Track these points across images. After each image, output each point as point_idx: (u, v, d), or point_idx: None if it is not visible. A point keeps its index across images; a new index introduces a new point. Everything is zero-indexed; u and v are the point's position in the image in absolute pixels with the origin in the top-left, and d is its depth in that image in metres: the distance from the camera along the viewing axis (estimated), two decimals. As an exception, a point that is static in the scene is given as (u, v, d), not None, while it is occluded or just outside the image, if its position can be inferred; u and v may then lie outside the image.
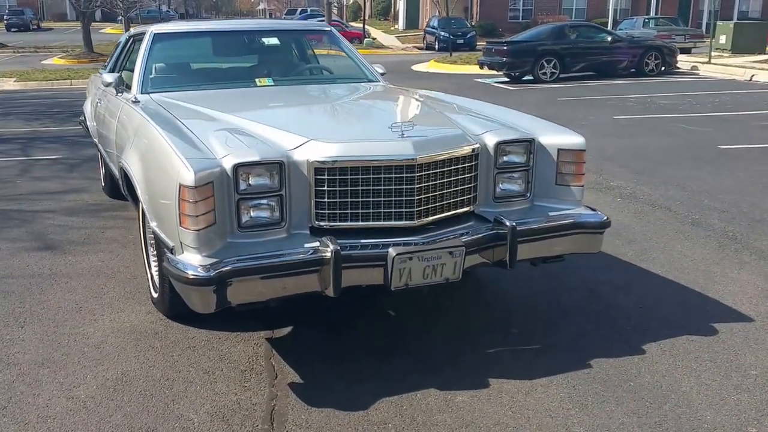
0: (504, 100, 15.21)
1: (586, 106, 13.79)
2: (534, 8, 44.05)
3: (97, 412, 3.25)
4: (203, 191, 3.13)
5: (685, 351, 3.75)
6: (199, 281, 3.07)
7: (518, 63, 18.78)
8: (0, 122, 13.46)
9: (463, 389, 3.40)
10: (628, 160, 8.59)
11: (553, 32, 19.61)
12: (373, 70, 5.64)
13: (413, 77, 22.32)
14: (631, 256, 5.19)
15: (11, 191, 7.62)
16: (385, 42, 42.78)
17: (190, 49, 5.70)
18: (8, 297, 4.62)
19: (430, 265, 3.34)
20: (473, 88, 18.34)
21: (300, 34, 6.19)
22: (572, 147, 3.86)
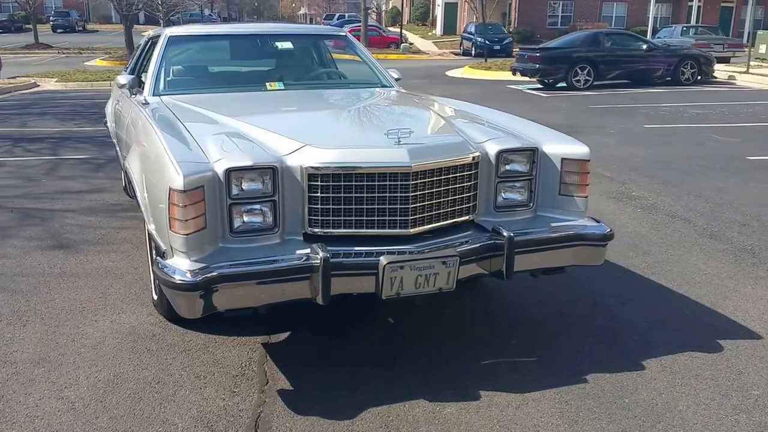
0: (534, 107, 15.10)
1: (618, 114, 13.59)
2: (573, 15, 43.62)
3: (84, 414, 3.27)
4: (193, 195, 3.11)
5: (686, 368, 3.65)
6: (184, 286, 3.05)
7: (551, 70, 18.58)
8: (36, 121, 13.71)
9: (452, 401, 3.35)
10: (653, 170, 8.43)
11: (588, 39, 19.37)
12: (387, 76, 5.61)
13: (446, 83, 22.25)
14: (644, 269, 5.08)
15: (35, 190, 7.75)
16: (421, 47, 42.77)
17: (205, 53, 5.73)
18: (15, 295, 4.68)
19: (423, 274, 3.29)
20: (504, 95, 18.22)
21: (315, 38, 6.18)
22: (576, 157, 3.77)
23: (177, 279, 3.07)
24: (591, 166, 3.86)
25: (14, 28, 55.82)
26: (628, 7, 43.90)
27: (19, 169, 8.93)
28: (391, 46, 40.99)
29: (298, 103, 4.88)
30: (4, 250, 5.62)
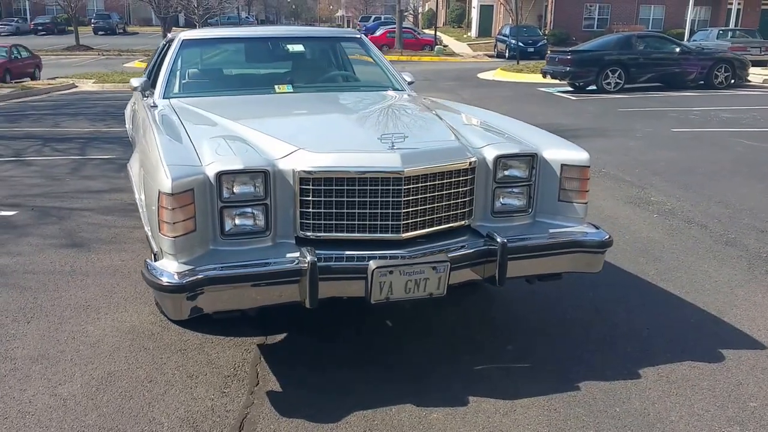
0: (561, 110, 14.98)
1: (646, 118, 13.39)
2: (610, 17, 43.12)
3: (75, 411, 3.31)
4: (181, 199, 3.13)
5: (684, 377, 3.58)
6: (170, 288, 3.07)
7: (582, 73, 18.38)
8: (68, 122, 13.97)
9: (440, 406, 3.32)
10: (676, 175, 8.29)
11: (619, 42, 19.12)
12: (399, 79, 5.58)
13: (476, 85, 22.17)
14: (653, 275, 5.00)
15: (58, 189, 7.88)
16: (456, 49, 42.65)
17: (217, 56, 5.77)
18: (24, 292, 4.76)
19: (413, 279, 3.26)
20: (533, 97, 18.10)
21: (328, 41, 6.17)
22: (576, 163, 3.71)
23: (164, 281, 3.09)
24: (612, 171, 3.80)
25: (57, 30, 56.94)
26: (665, 10, 43.27)
27: (45, 169, 9.09)
28: (426, 48, 40.97)
29: (302, 105, 4.88)
30: (20, 247, 5.73)
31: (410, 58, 37.24)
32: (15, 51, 25.86)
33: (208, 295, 3.11)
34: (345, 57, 6.06)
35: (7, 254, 5.56)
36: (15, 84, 23.10)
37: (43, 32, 57.05)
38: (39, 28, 58.11)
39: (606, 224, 6.11)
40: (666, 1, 43.23)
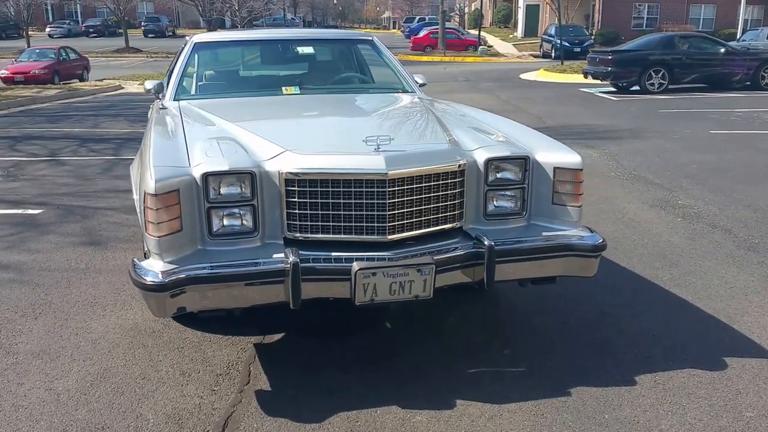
0: (600, 111, 14.77)
1: (686, 119, 13.11)
2: (659, 17, 42.34)
3: (67, 406, 3.36)
4: (166, 199, 3.15)
5: (681, 385, 3.48)
6: (152, 287, 3.09)
7: (624, 73, 18.09)
8: (108, 123, 14.27)
9: (425, 409, 3.29)
10: (707, 177, 8.08)
11: (662, 42, 18.73)
12: (410, 81, 5.55)
13: (516, 86, 21.98)
14: (666, 280, 4.87)
15: (87, 188, 8.06)
16: (501, 49, 42.39)
17: (228, 58, 5.82)
18: (36, 288, 4.87)
19: (397, 281, 3.23)
20: (573, 98, 17.88)
21: (340, 43, 6.17)
22: (569, 166, 3.63)
23: (147, 280, 3.12)
24: (643, 173, 3.72)
25: (108, 32, 58.37)
26: (716, 9, 42.32)
27: (77, 169, 9.30)
28: (469, 49, 40.84)
29: (303, 107, 4.88)
30: (40, 245, 5.86)
31: (453, 59, 37.17)
32: (63, 53, 26.59)
33: (190, 295, 3.13)
34: (359, 59, 6.04)
35: (26, 251, 5.70)
36: (63, 85, 23.75)
37: (94, 34, 58.54)
38: (90, 30, 59.65)
39: (627, 228, 6.04)
40: (717, 1, 42.25)
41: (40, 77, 24.15)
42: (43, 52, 26.59)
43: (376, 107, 4.93)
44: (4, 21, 54.77)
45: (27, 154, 10.58)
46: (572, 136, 11.43)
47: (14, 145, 11.43)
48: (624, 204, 6.98)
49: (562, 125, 12.73)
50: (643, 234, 5.96)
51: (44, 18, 65.41)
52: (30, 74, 24.20)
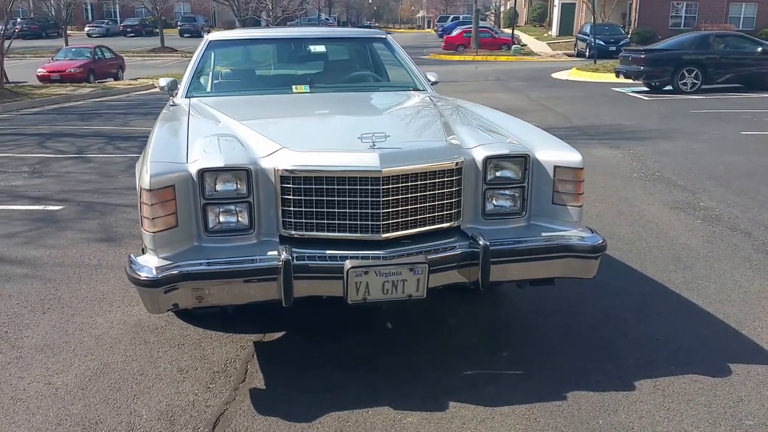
0: (630, 111, 14.58)
1: (717, 120, 12.86)
2: (697, 16, 41.59)
3: (64, 400, 3.40)
4: (160, 194, 3.17)
5: (681, 391, 3.40)
6: (145, 283, 3.11)
7: (656, 72, 17.81)
8: (137, 121, 14.42)
9: (417, 410, 3.26)
10: (733, 179, 7.92)
11: (696, 41, 18.40)
12: (422, 79, 5.51)
13: (546, 85, 21.79)
14: (678, 284, 4.78)
15: (109, 185, 8.15)
16: (535, 48, 42.05)
17: (242, 56, 5.85)
18: (47, 284, 4.93)
19: (390, 280, 3.20)
20: (604, 97, 17.66)
21: (353, 42, 6.16)
22: (569, 165, 3.57)
23: (141, 276, 3.14)
24: (667, 174, 3.64)
25: (145, 32, 59.13)
26: (758, 8, 41.41)
27: (102, 166, 9.42)
28: (503, 48, 40.56)
29: (309, 106, 4.88)
30: (56, 240, 5.94)
31: (485, 58, 36.97)
32: (99, 52, 26.99)
33: (182, 291, 3.14)
34: (372, 57, 6.02)
35: (42, 247, 5.78)
36: (97, 84, 24.10)
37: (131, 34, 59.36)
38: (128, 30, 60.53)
39: (644, 230, 5.94)
40: (759, -1, 41.43)
41: (75, 76, 24.53)
42: (79, 51, 27.01)
43: (382, 105, 4.91)
44: (45, 20, 56.08)
45: (54, 151, 10.74)
46: (598, 136, 11.29)
47: (43, 142, 11.62)
48: (644, 205, 6.87)
49: (589, 125, 12.58)
50: (659, 236, 5.85)
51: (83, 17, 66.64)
52: (66, 73, 24.59)
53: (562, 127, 12.33)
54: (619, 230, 6.05)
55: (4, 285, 4.94)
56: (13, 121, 14.94)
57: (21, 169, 9.25)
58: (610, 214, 6.60)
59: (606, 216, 6.53)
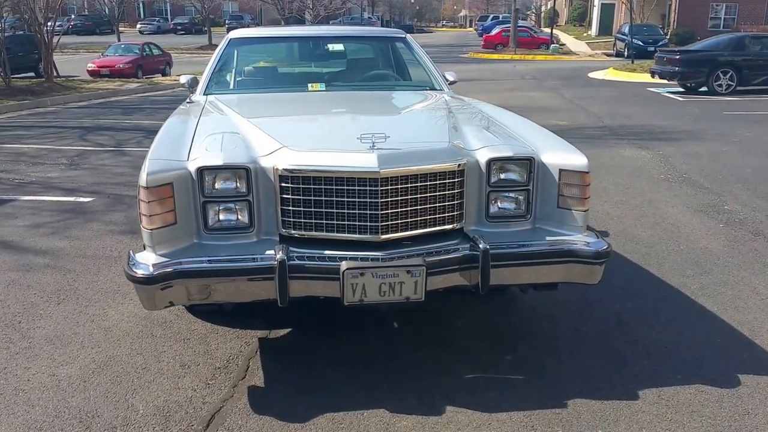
0: (663, 111, 14.36)
1: (749, 122, 12.57)
2: (737, 17, 40.69)
3: (65, 392, 3.44)
4: (158, 192, 3.18)
5: (686, 402, 3.32)
6: (140, 279, 3.13)
7: (690, 73, 17.51)
8: (171, 115, 14.54)
9: (413, 414, 3.23)
10: (760, 183, 7.72)
11: (732, 43, 18.00)
12: (440, 79, 5.46)
13: (582, 85, 21.53)
14: (694, 289, 4.67)
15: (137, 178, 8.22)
16: (574, 48, 41.62)
17: (261, 54, 5.86)
18: (67, 275, 5.01)
19: (386, 282, 3.17)
20: (637, 97, 17.40)
21: (372, 40, 6.14)
22: (574, 168, 3.47)
23: (136, 272, 3.15)
24: (694, 176, 3.56)
25: (194, 30, 60.03)
26: (800, 10, 40.41)
27: (137, 159, 9.49)
28: (541, 47, 40.26)
29: (321, 104, 4.86)
30: (81, 232, 6.04)
31: (523, 57, 36.70)
32: (147, 48, 27.39)
33: (176, 288, 3.15)
34: (392, 56, 5.98)
35: (67, 238, 5.87)
36: (145, 79, 24.44)
37: (182, 32, 60.45)
38: (178, 27, 61.70)
39: (664, 233, 5.84)
40: (801, 1, 40.41)
41: (124, 71, 24.87)
42: (129, 48, 27.42)
43: (393, 105, 4.88)
44: (98, 17, 57.48)
45: (94, 144, 10.92)
46: (629, 136, 11.12)
47: (84, 135, 11.82)
48: (667, 208, 6.74)
49: (620, 125, 12.39)
50: (680, 240, 5.73)
51: (135, 15, 68.01)
52: (115, 68, 24.96)
53: (593, 126, 12.18)
54: (639, 233, 5.94)
55: (24, 275, 5.02)
56: (60, 114, 15.26)
57: (59, 161, 9.42)
58: (632, 216, 6.48)
59: (627, 218, 6.42)
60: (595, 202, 6.93)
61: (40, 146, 10.68)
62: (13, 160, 9.43)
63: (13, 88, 17.87)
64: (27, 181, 8.16)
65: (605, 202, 7.01)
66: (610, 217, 6.45)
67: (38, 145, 10.76)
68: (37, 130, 12.72)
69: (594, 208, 6.74)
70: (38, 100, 16.93)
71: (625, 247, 5.54)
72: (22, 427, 3.15)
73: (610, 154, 9.67)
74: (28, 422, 3.19)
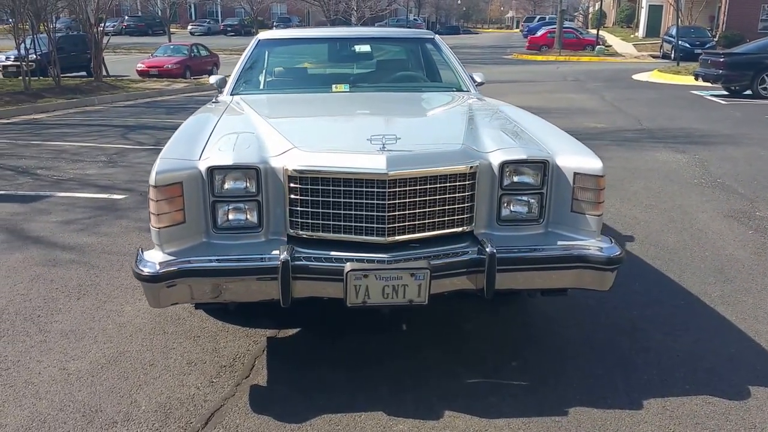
0: (703, 114, 14.12)
1: (795, 126, 12.27)
2: (789, 19, 39.63)
3: (72, 386, 3.52)
4: (166, 191, 3.22)
5: (691, 414, 3.25)
6: (145, 277, 3.17)
7: (734, 76, 17.09)
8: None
9: (410, 417, 3.22)
10: (799, 189, 7.53)
11: (778, 45, 17.58)
12: (467, 80, 5.42)
13: (624, 87, 21.20)
14: (715, 297, 4.57)
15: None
16: (620, 49, 41.04)
17: (289, 55, 5.90)
18: (90, 270, 5.12)
19: (390, 285, 3.17)
20: (679, 100, 17.06)
21: (400, 42, 6.14)
22: (589, 172, 3.41)
23: (142, 270, 3.20)
24: (728, 181, 3.48)
25: (243, 31, 60.88)
26: None
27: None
28: (587, 48, 39.83)
29: (341, 105, 4.86)
30: (111, 228, 6.16)
31: (568, 58, 36.34)
32: (195, 49, 27.78)
33: (180, 287, 3.18)
34: (421, 57, 5.97)
35: (95, 234, 6.00)
36: (192, 80, 24.81)
37: (231, 33, 61.50)
38: (228, 29, 62.79)
39: (691, 239, 5.74)
40: None
41: (172, 72, 25.24)
42: (177, 48, 27.83)
43: (413, 106, 4.87)
44: (151, 19, 58.79)
45: (135, 142, 11.13)
46: (666, 139, 10.93)
47: (126, 134, 12.05)
48: (697, 213, 6.60)
49: (659, 128, 12.17)
50: (706, 246, 5.62)
51: (187, 16, 69.30)
52: (163, 68, 25.34)
53: (631, 129, 11.99)
54: (665, 238, 5.84)
55: (49, 270, 5.14)
56: (105, 112, 15.58)
57: (98, 158, 9.62)
58: (660, 220, 6.37)
59: (655, 223, 6.31)
60: (623, 206, 6.84)
61: (81, 144, 10.93)
62: (54, 157, 9.65)
63: (62, 87, 18.28)
64: (65, 177, 8.34)
65: (634, 206, 6.89)
66: (637, 222, 6.34)
67: (80, 143, 11.01)
68: (81, 128, 13.02)
69: (622, 212, 6.65)
70: (86, 99, 17.32)
71: (649, 253, 5.44)
72: (27, 419, 3.23)
73: (644, 157, 9.51)
74: (33, 414, 3.26)
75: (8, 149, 10.45)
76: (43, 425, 3.18)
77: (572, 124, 12.09)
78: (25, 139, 11.49)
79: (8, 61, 22.15)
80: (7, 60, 22.32)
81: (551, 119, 4.42)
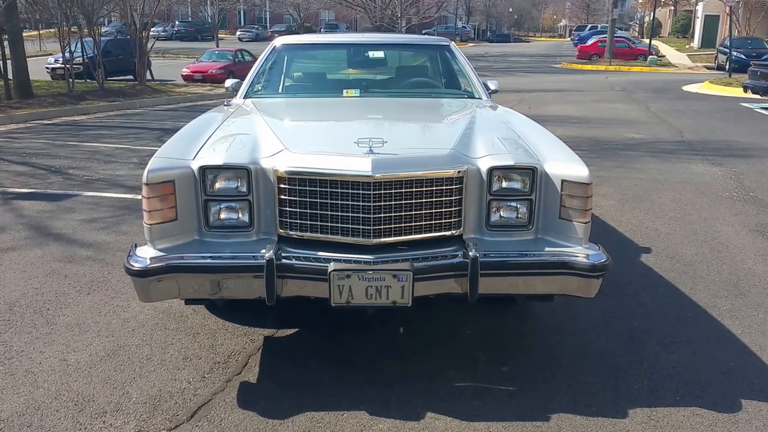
0: (750, 128, 13.84)
1: (842, 140, 11.91)
2: None
3: (70, 377, 3.62)
4: (158, 189, 3.31)
5: (676, 424, 3.20)
6: (134, 272, 3.26)
7: (783, 88, 16.71)
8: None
9: (392, 418, 3.24)
10: (835, 204, 7.32)
11: (834, 55, 17.08)
12: (480, 88, 5.42)
13: (673, 98, 20.82)
14: (724, 311, 4.48)
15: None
16: (673, 60, 40.33)
17: (304, 60, 5.98)
18: (104, 267, 5.26)
19: (373, 286, 3.20)
20: (727, 112, 16.68)
21: (415, 48, 6.17)
22: (575, 179, 3.40)
23: (132, 265, 3.29)
24: (760, 194, 3.43)
25: (291, 38, 61.48)
26: None
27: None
28: (639, 58, 39.26)
29: (345, 110, 4.89)
30: (130, 227, 6.32)
31: (618, 68, 35.88)
32: (239, 55, 28.24)
33: (167, 282, 3.26)
34: (437, 64, 5.99)
35: (115, 232, 6.16)
36: (235, 85, 25.18)
37: (279, 39, 62.01)
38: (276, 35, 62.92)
39: (710, 252, 5.66)
40: None
41: (216, 77, 25.65)
42: (222, 54, 28.35)
43: (415, 111, 4.88)
44: (201, 24, 59.93)
45: (168, 145, 11.33)
46: (705, 152, 10.72)
47: (162, 137, 12.28)
48: (722, 226, 6.47)
49: (700, 140, 11.95)
50: (724, 260, 5.50)
51: (236, 22, 70.43)
52: (207, 73, 25.83)
53: (671, 140, 11.79)
54: (683, 250, 5.74)
55: (65, 265, 5.29)
56: (145, 116, 15.94)
57: (131, 160, 9.85)
58: (682, 233, 6.26)
59: (676, 235, 6.21)
60: (646, 218, 6.75)
61: (116, 145, 11.20)
62: (87, 158, 9.92)
63: (106, 90, 18.77)
64: (95, 177, 8.57)
65: (658, 218, 6.79)
66: (657, 234, 6.24)
67: (115, 144, 11.29)
68: (119, 130, 13.34)
69: (644, 223, 6.56)
70: (128, 102, 17.74)
71: (663, 265, 5.36)
72: (23, 406, 3.33)
73: (678, 169, 9.35)
74: (29, 402, 3.37)
75: (44, 149, 10.77)
76: (36, 412, 3.28)
77: (610, 134, 11.97)
78: (63, 140, 11.84)
79: (57, 63, 22.82)
80: (56, 63, 23.02)
81: (589, 129, 4.41)
